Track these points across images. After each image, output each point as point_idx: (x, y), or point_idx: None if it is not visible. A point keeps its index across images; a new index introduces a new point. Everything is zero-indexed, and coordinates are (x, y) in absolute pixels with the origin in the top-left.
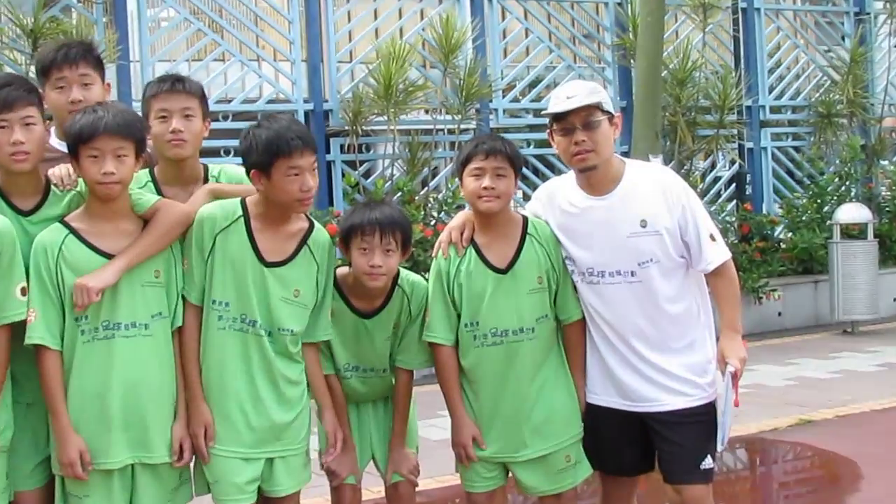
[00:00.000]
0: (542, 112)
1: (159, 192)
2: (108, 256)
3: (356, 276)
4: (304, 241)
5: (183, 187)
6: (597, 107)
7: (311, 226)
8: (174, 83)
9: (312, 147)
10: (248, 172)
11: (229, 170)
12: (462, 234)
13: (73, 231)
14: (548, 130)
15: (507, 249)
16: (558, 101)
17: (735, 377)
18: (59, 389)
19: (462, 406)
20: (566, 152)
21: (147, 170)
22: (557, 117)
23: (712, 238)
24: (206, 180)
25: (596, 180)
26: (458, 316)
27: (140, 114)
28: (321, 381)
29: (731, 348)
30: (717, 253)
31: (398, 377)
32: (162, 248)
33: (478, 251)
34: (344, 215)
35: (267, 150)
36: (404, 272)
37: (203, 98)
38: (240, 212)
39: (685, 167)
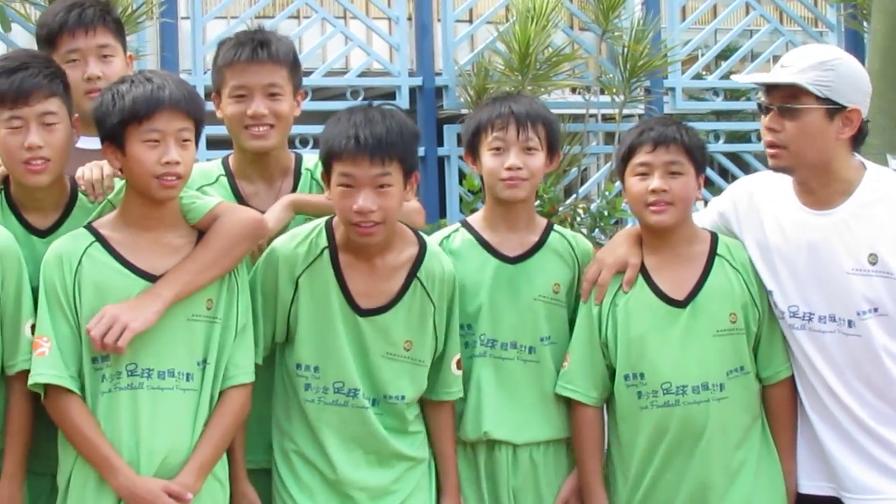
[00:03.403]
0: (732, 76)
1: (235, 191)
2: (148, 278)
3: (489, 186)
4: (412, 275)
5: (268, 183)
6: (804, 90)
7: (423, 251)
8: (256, 49)
9: (378, 154)
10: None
11: None
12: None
13: (100, 239)
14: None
15: (687, 274)
16: (773, 69)
17: None
18: (99, 436)
19: (603, 492)
20: (763, 139)
21: (220, 161)
22: (765, 90)
23: None
24: (297, 174)
25: (808, 186)
26: (609, 367)
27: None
28: (450, 448)
29: None
30: None
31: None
32: (224, 271)
33: (646, 276)
34: (470, 116)
35: (324, 148)
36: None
37: (295, 65)
38: (325, 241)
39: None
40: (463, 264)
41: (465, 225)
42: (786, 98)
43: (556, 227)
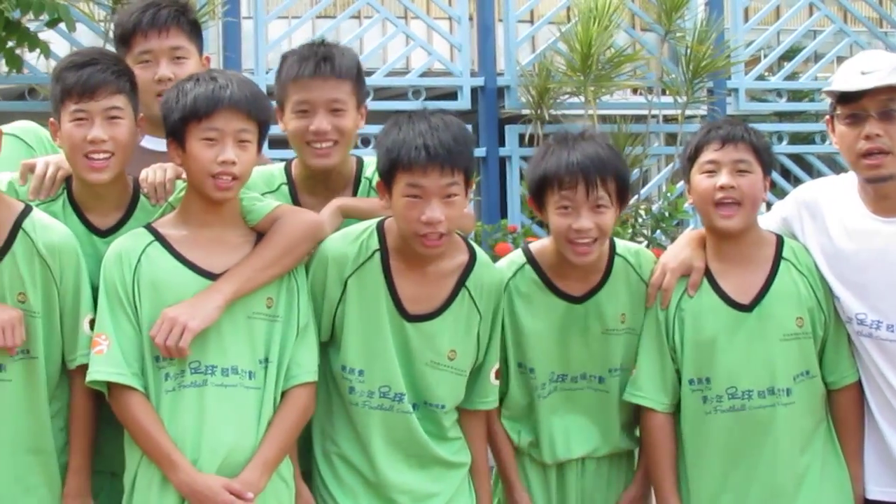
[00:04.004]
0: (823, 90)
1: (296, 203)
2: (207, 276)
3: (557, 243)
4: (461, 283)
5: (329, 196)
6: None
7: (473, 259)
8: (319, 64)
9: (448, 164)
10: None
11: None
12: (687, 271)
13: (159, 238)
14: (827, 117)
15: (753, 278)
16: (848, 77)
17: None
18: (160, 433)
19: (678, 500)
20: (850, 149)
21: (282, 167)
22: (844, 98)
23: None
24: (357, 181)
25: (887, 193)
26: (678, 372)
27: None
28: (482, 457)
29: None
30: None
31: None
32: (283, 271)
33: (711, 280)
34: (534, 160)
35: (387, 158)
36: (621, 241)
37: (359, 79)
38: (376, 244)
39: None
40: (531, 307)
41: (531, 261)
42: (885, 102)
43: (618, 247)
